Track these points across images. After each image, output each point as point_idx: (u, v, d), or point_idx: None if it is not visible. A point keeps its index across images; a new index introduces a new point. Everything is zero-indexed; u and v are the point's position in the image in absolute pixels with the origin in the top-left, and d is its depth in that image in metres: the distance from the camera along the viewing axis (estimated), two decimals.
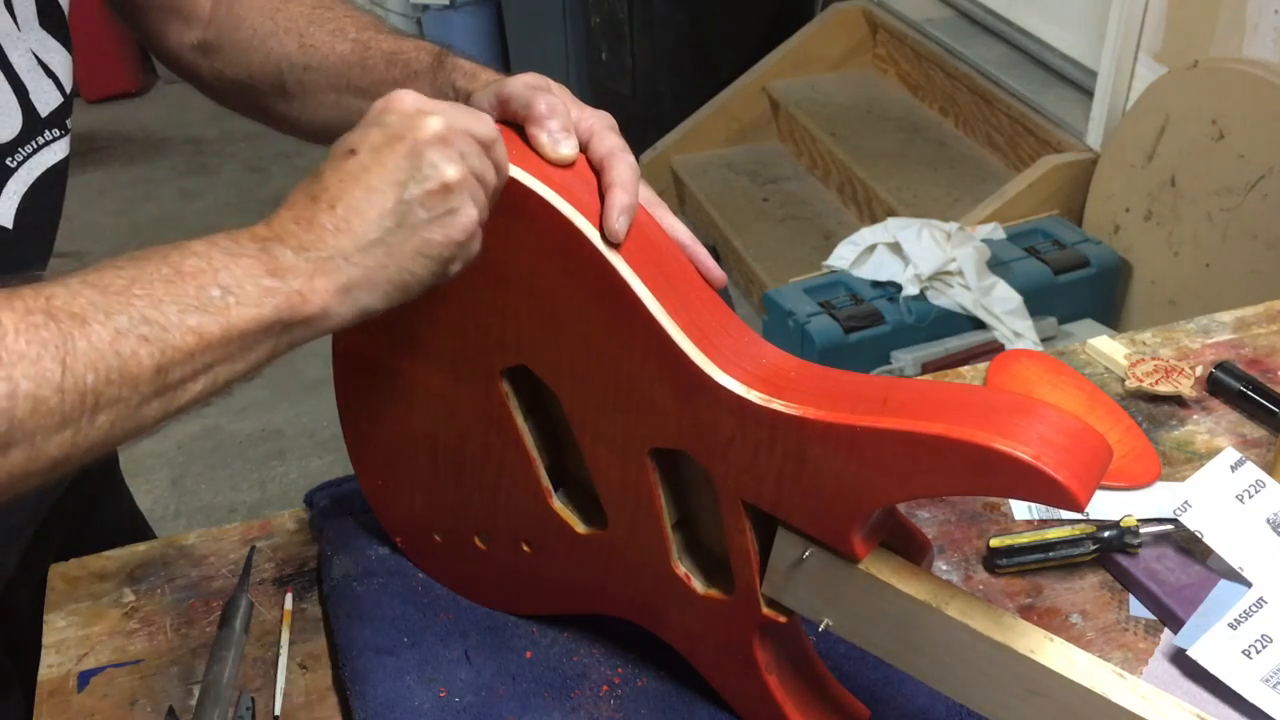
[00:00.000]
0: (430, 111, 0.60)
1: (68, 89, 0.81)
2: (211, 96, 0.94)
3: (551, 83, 0.70)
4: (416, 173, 0.58)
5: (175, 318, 0.53)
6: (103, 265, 0.54)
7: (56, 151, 0.81)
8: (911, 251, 2.28)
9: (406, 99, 0.61)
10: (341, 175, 0.58)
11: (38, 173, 0.80)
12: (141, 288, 0.53)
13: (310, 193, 0.58)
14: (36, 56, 0.78)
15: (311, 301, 0.56)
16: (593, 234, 0.64)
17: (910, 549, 0.66)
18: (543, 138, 0.66)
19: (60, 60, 0.80)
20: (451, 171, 0.59)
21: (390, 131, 0.59)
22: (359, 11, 0.86)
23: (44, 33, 0.79)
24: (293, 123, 0.88)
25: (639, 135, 3.34)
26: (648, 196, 0.69)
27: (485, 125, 0.62)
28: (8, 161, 0.76)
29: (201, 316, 0.54)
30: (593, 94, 3.59)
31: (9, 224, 0.78)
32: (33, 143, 0.79)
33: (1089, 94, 2.54)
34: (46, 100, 0.79)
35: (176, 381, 0.54)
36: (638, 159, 0.69)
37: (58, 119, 0.81)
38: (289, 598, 0.87)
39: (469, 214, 0.60)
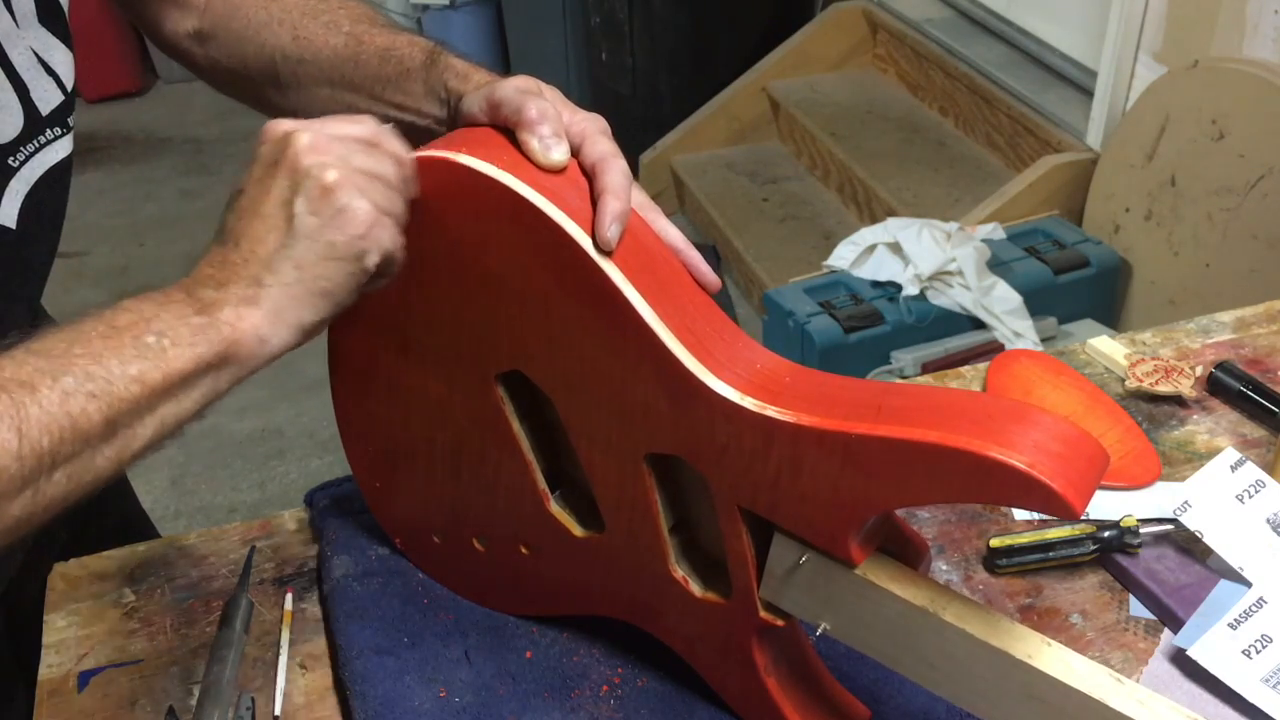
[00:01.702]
0: (298, 129, 0.62)
1: (69, 87, 0.81)
2: (209, 83, 0.94)
3: (543, 86, 0.70)
4: (297, 187, 0.61)
5: (118, 370, 0.56)
6: (44, 333, 0.58)
7: (59, 150, 0.81)
8: (911, 251, 2.28)
9: (278, 127, 0.63)
10: (238, 214, 0.62)
11: (40, 171, 0.80)
12: (81, 347, 0.57)
13: (218, 240, 0.62)
14: (37, 54, 0.78)
15: (241, 329, 0.59)
16: (585, 241, 0.63)
17: (907, 553, 0.66)
18: (534, 143, 0.66)
19: (61, 58, 0.80)
20: (330, 175, 0.61)
21: (266, 160, 0.62)
22: (353, 3, 0.86)
23: (44, 30, 0.78)
24: (288, 113, 0.88)
25: (639, 135, 3.33)
26: (640, 200, 0.68)
27: (361, 126, 0.64)
28: (9, 161, 0.76)
29: (142, 364, 0.57)
30: (593, 94, 3.59)
31: (12, 224, 0.78)
32: (35, 141, 0.79)
33: (1089, 94, 2.54)
34: (48, 99, 0.79)
35: (126, 430, 0.57)
36: (638, 159, 0.69)
37: (59, 117, 0.80)
38: (289, 598, 0.87)
39: (359, 206, 0.61)
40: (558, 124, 0.66)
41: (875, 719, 0.74)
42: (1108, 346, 1.10)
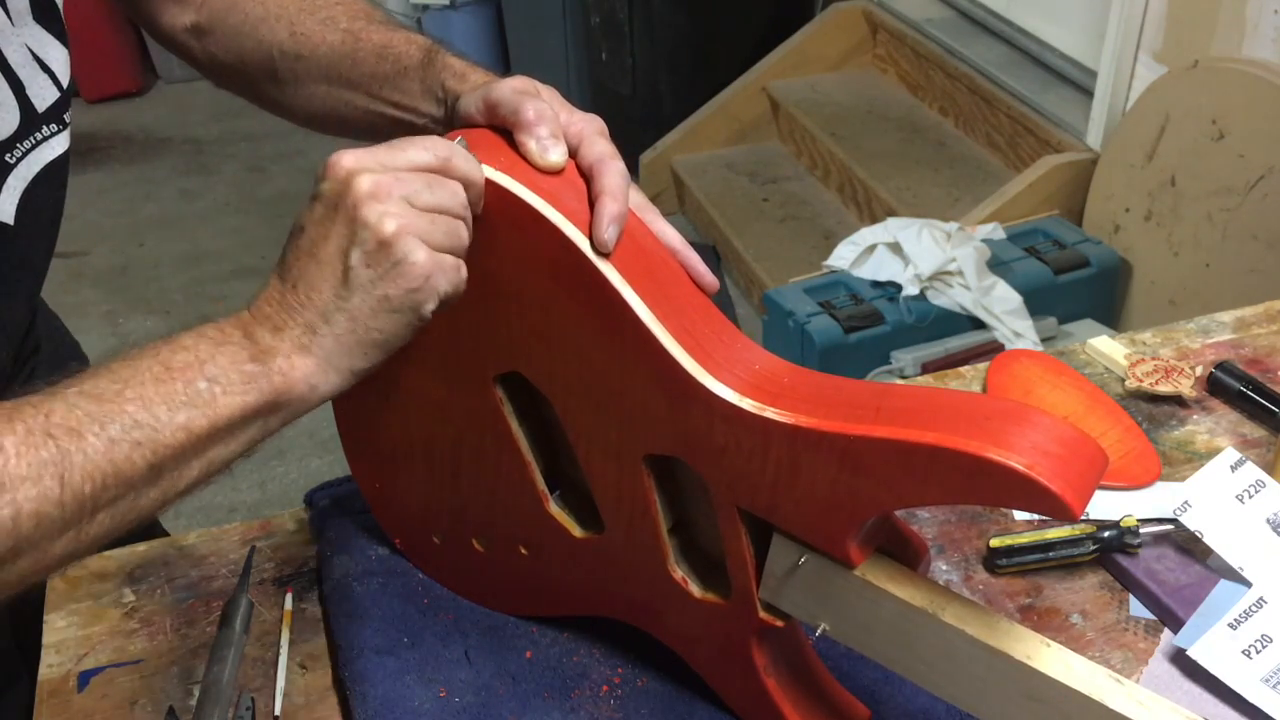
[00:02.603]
0: (360, 170, 0.60)
1: (65, 83, 0.81)
2: (208, 77, 0.94)
3: (540, 86, 0.70)
4: (355, 237, 0.60)
5: (165, 416, 0.57)
6: (100, 368, 0.59)
7: (56, 146, 0.81)
8: (911, 251, 2.28)
9: (342, 162, 0.61)
10: (297, 254, 0.61)
11: (37, 168, 0.80)
12: (133, 390, 0.57)
13: (279, 274, 0.62)
14: (32, 51, 0.78)
15: (292, 378, 0.60)
16: (583, 242, 0.63)
17: (906, 554, 0.66)
18: (531, 145, 0.65)
19: (56, 54, 0.80)
20: (387, 226, 0.59)
21: (327, 201, 0.61)
22: None
23: (39, 27, 0.78)
24: (286, 109, 0.88)
25: (639, 135, 3.33)
26: (638, 201, 0.68)
27: (427, 153, 0.62)
28: (6, 158, 0.76)
29: (190, 412, 0.58)
30: (593, 94, 3.59)
31: (10, 220, 0.78)
32: (31, 138, 0.79)
33: (1089, 94, 2.54)
34: (44, 95, 0.79)
35: (172, 474, 0.58)
36: (638, 159, 0.69)
37: (56, 114, 0.81)
38: (289, 598, 0.87)
39: (417, 259, 0.60)
40: (555, 125, 0.66)
41: (875, 719, 0.74)
42: (1108, 346, 1.10)
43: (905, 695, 0.77)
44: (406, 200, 0.60)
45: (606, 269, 0.63)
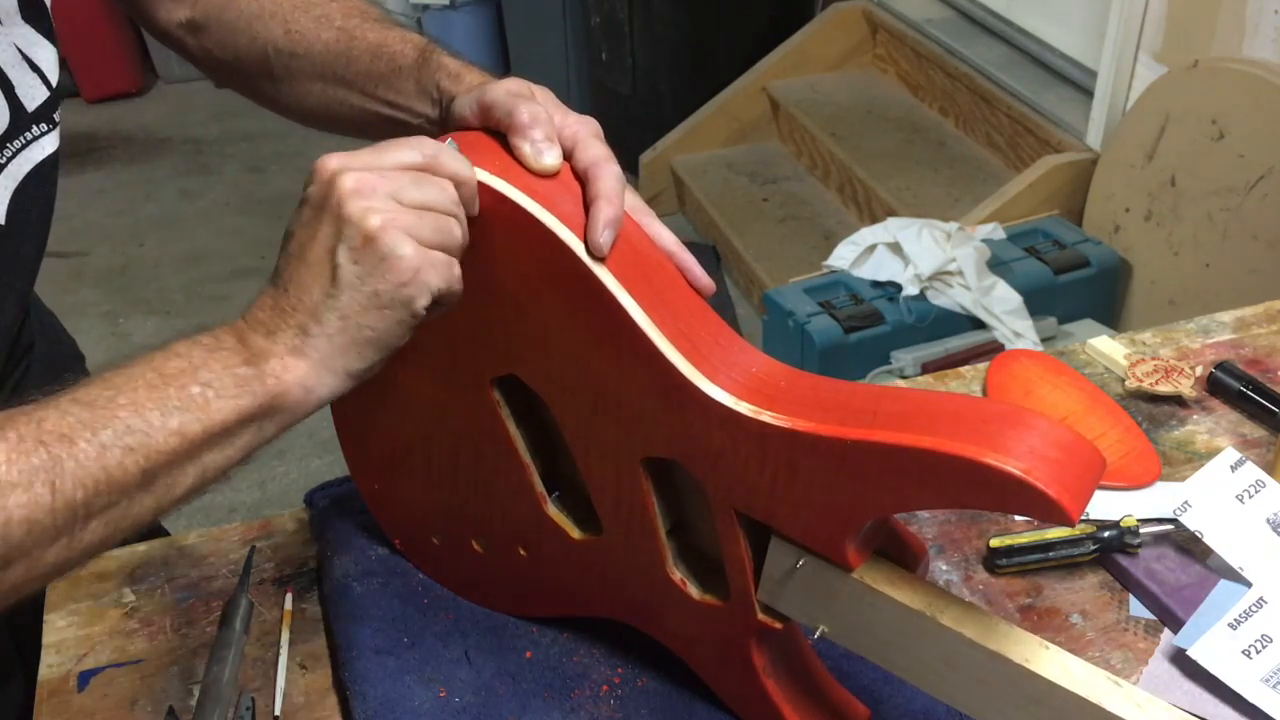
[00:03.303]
0: (344, 170, 0.60)
1: (54, 82, 0.81)
2: (205, 74, 0.94)
3: (535, 88, 0.70)
4: (341, 234, 0.59)
5: (158, 421, 0.57)
6: (95, 377, 0.58)
7: (45, 146, 0.81)
8: (911, 251, 2.28)
9: (327, 164, 0.61)
10: (287, 258, 0.61)
11: (28, 167, 0.80)
12: (126, 396, 0.57)
13: (272, 281, 0.62)
14: (20, 50, 0.78)
15: (287, 381, 0.60)
16: (577, 246, 0.63)
17: (905, 556, 0.66)
18: (525, 148, 0.65)
19: (45, 53, 0.80)
20: (373, 222, 0.59)
21: (313, 203, 0.61)
22: None
23: (26, 26, 0.78)
24: (283, 106, 0.88)
25: (639, 135, 3.33)
26: (634, 204, 0.68)
27: (413, 152, 0.62)
28: None
29: (183, 416, 0.57)
30: (593, 94, 3.59)
31: (1, 219, 0.78)
32: (21, 138, 0.79)
33: (1089, 94, 2.54)
34: (32, 94, 0.79)
35: (165, 480, 0.58)
36: (637, 159, 0.69)
37: (45, 113, 0.80)
38: (289, 598, 0.87)
39: (403, 252, 0.59)
40: (549, 128, 0.66)
41: (875, 719, 0.74)
42: (1108, 346, 1.10)
43: (905, 695, 0.77)
44: (393, 197, 0.60)
45: (602, 273, 0.63)
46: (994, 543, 0.87)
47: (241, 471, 0.62)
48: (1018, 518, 0.92)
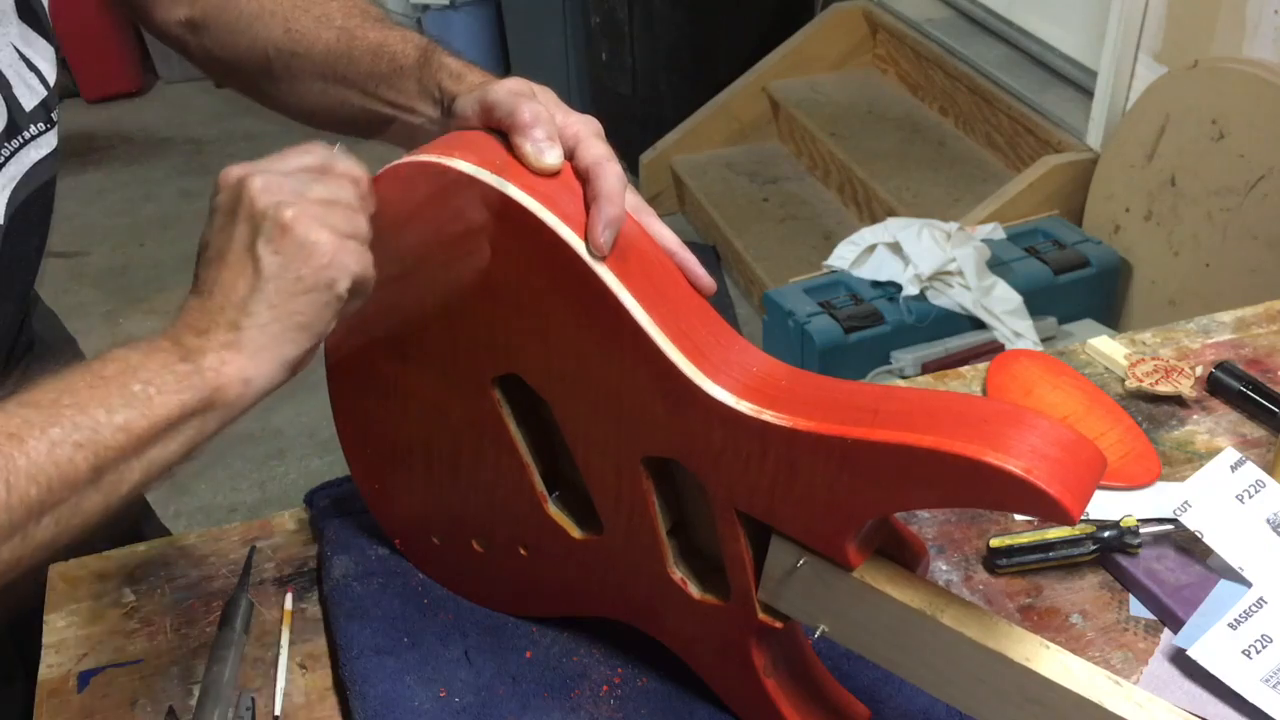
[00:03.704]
0: (250, 174, 0.63)
1: (51, 81, 0.81)
2: (207, 74, 0.95)
3: (536, 87, 0.70)
4: (258, 230, 0.61)
5: (104, 418, 0.57)
6: (35, 385, 0.59)
7: (43, 145, 0.81)
8: (911, 251, 2.28)
9: (231, 173, 0.64)
10: (206, 266, 0.63)
11: (26, 167, 0.79)
12: (69, 397, 0.58)
13: (194, 292, 0.63)
14: (17, 50, 0.77)
15: (225, 374, 0.60)
16: (579, 245, 0.63)
17: (905, 556, 0.66)
18: (527, 147, 0.65)
19: (42, 51, 0.80)
20: (287, 213, 0.61)
21: (225, 208, 0.63)
22: None
23: (24, 25, 0.78)
24: (283, 105, 0.88)
25: (639, 135, 3.33)
26: (634, 203, 0.68)
27: (310, 156, 0.65)
28: None
29: (128, 413, 0.58)
30: (593, 94, 3.59)
31: (1, 219, 0.78)
32: (19, 137, 0.79)
33: (1089, 94, 2.54)
34: (30, 94, 0.79)
35: (113, 476, 0.59)
36: (638, 159, 0.69)
37: (43, 113, 0.80)
38: (289, 598, 0.87)
39: (319, 237, 0.61)
40: (551, 127, 0.66)
41: (875, 719, 0.74)
42: (1108, 346, 1.10)
43: (905, 695, 0.77)
44: (298, 193, 0.63)
45: (603, 272, 0.63)
46: (994, 543, 0.87)
47: (242, 471, 0.62)
48: (1018, 517, 0.92)
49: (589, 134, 0.68)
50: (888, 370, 2.22)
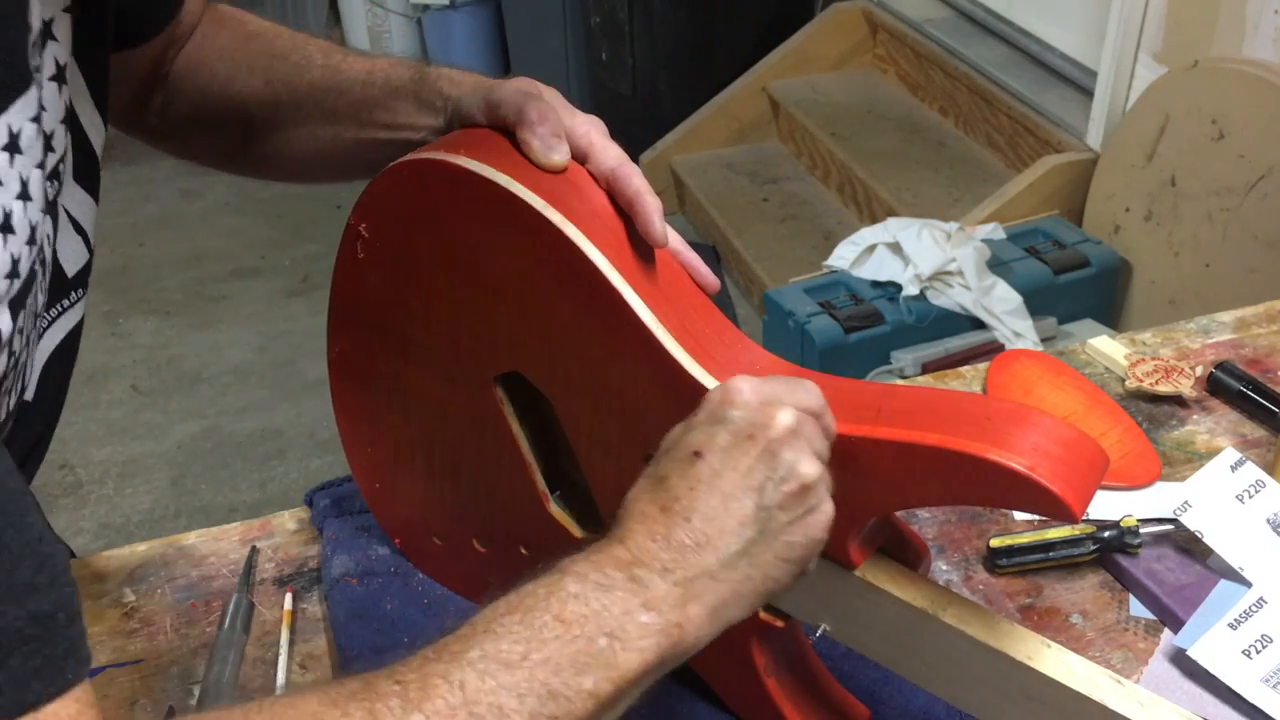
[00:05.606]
0: (776, 403, 0.57)
1: (93, 242, 0.78)
2: (172, 152, 0.91)
3: (542, 87, 0.70)
4: (773, 474, 0.55)
5: (574, 682, 0.52)
6: (493, 621, 0.53)
7: (75, 314, 0.78)
8: (911, 251, 2.28)
9: (744, 390, 0.57)
10: (691, 482, 0.56)
11: (60, 337, 0.77)
12: (538, 653, 0.52)
13: (659, 503, 0.56)
14: (68, 212, 0.74)
15: (687, 630, 0.54)
16: (583, 243, 0.63)
17: (907, 554, 0.66)
18: (534, 144, 0.65)
19: (88, 212, 0.76)
20: (810, 470, 0.56)
21: (738, 430, 0.56)
22: (318, 40, 0.84)
23: (77, 186, 0.74)
24: (267, 162, 0.86)
25: (639, 135, 3.33)
26: None
27: (812, 398, 0.59)
28: (38, 327, 0.72)
29: (595, 675, 0.52)
30: (593, 94, 3.59)
31: (30, 397, 0.74)
32: (58, 305, 0.75)
33: (1089, 94, 2.54)
34: (75, 258, 0.75)
35: None
36: (638, 159, 0.69)
37: (82, 278, 0.77)
38: (289, 598, 0.87)
39: (827, 509, 0.57)
40: (558, 125, 0.66)
41: (875, 719, 0.74)
42: (1108, 346, 1.10)
43: (905, 695, 0.76)
44: (820, 454, 0.57)
45: (607, 269, 0.63)
46: (994, 543, 0.87)
47: (242, 471, 0.62)
48: (1018, 517, 0.92)
49: (600, 135, 0.68)
50: (888, 370, 2.22)
